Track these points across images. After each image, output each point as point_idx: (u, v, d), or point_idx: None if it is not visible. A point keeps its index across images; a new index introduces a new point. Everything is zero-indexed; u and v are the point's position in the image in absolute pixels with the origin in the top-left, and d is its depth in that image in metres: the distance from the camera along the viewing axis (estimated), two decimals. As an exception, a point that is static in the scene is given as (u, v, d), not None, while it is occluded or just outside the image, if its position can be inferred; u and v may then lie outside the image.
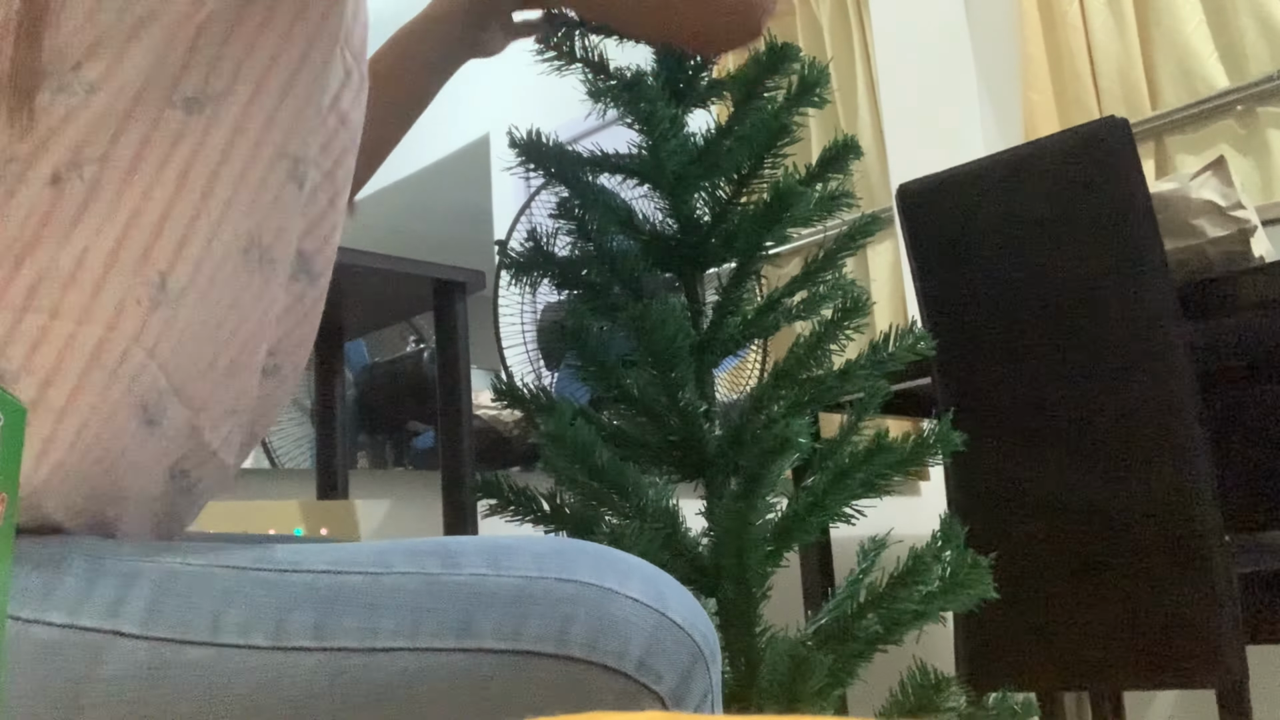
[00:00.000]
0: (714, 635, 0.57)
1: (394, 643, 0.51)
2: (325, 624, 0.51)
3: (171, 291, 0.55)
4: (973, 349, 1.68)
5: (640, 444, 0.93)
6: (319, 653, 0.50)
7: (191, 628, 0.50)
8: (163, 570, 0.52)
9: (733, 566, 0.88)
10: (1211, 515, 1.47)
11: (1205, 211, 1.65)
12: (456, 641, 0.52)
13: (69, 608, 0.49)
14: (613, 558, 0.56)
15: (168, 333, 0.55)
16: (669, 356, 0.85)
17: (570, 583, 0.53)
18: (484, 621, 0.52)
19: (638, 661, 0.53)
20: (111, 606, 0.49)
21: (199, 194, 0.56)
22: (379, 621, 0.51)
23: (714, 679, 0.57)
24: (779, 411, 0.90)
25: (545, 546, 0.55)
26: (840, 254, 0.91)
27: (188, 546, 0.55)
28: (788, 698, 0.90)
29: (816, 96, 0.88)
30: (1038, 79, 2.67)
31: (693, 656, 0.55)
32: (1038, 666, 1.61)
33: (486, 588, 0.53)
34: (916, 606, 0.92)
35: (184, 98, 0.55)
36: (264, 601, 0.51)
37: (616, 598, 0.54)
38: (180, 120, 0.56)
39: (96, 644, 0.48)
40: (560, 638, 0.52)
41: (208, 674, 0.49)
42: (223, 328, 0.59)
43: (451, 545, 0.55)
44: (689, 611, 0.56)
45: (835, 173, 0.93)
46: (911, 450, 0.93)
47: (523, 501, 0.94)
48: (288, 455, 2.19)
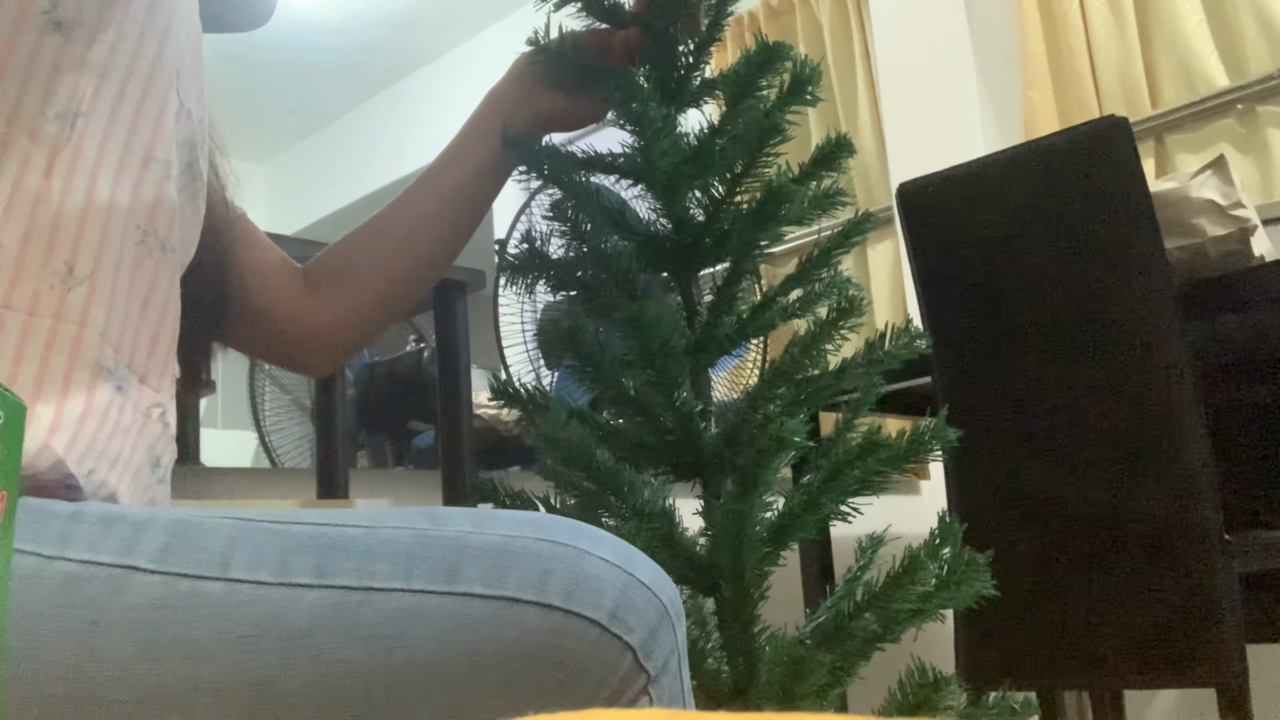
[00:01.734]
0: (678, 600, 0.61)
1: (389, 584, 0.55)
2: (325, 565, 0.55)
3: (79, 276, 0.62)
4: (972, 348, 1.68)
5: (637, 444, 0.93)
6: (320, 589, 0.54)
7: (202, 565, 0.54)
8: (173, 518, 0.56)
9: (730, 566, 0.88)
10: (1211, 515, 1.47)
11: (1205, 211, 1.65)
12: (447, 586, 0.55)
13: (88, 547, 0.54)
14: (585, 528, 0.60)
15: (92, 306, 0.63)
16: (664, 356, 0.85)
17: (546, 541, 0.57)
18: (471, 570, 0.56)
19: (610, 613, 0.56)
20: (127, 546, 0.54)
21: (84, 194, 0.63)
22: (375, 565, 0.55)
23: (679, 639, 0.60)
24: (775, 411, 0.90)
25: (523, 515, 0.60)
26: (835, 252, 0.91)
27: (190, 510, 0.60)
28: (786, 697, 0.90)
29: (809, 95, 0.88)
30: (1038, 78, 2.67)
31: (659, 614, 0.58)
32: (1037, 666, 1.61)
33: (471, 542, 0.57)
34: (914, 605, 0.92)
35: (56, 114, 0.63)
36: (268, 544, 0.56)
37: (589, 557, 0.57)
38: (55, 131, 0.63)
39: (115, 577, 0.53)
40: (540, 587, 0.56)
41: (218, 605, 0.53)
42: (149, 307, 0.67)
43: (438, 510, 0.60)
44: (655, 575, 0.60)
45: (829, 171, 0.93)
46: (907, 447, 0.93)
47: (519, 503, 0.94)
48: (288, 455, 2.20)
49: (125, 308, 0.65)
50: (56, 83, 0.63)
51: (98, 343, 0.63)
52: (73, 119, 0.63)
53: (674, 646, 0.59)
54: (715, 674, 0.93)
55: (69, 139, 0.63)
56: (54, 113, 0.63)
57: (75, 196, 0.63)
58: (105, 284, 0.64)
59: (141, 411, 0.66)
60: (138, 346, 0.66)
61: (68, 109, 0.63)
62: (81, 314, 0.62)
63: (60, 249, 0.62)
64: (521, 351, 1.94)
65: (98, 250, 0.63)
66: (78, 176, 0.63)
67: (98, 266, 0.63)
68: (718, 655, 0.94)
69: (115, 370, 0.64)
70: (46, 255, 0.61)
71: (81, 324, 0.62)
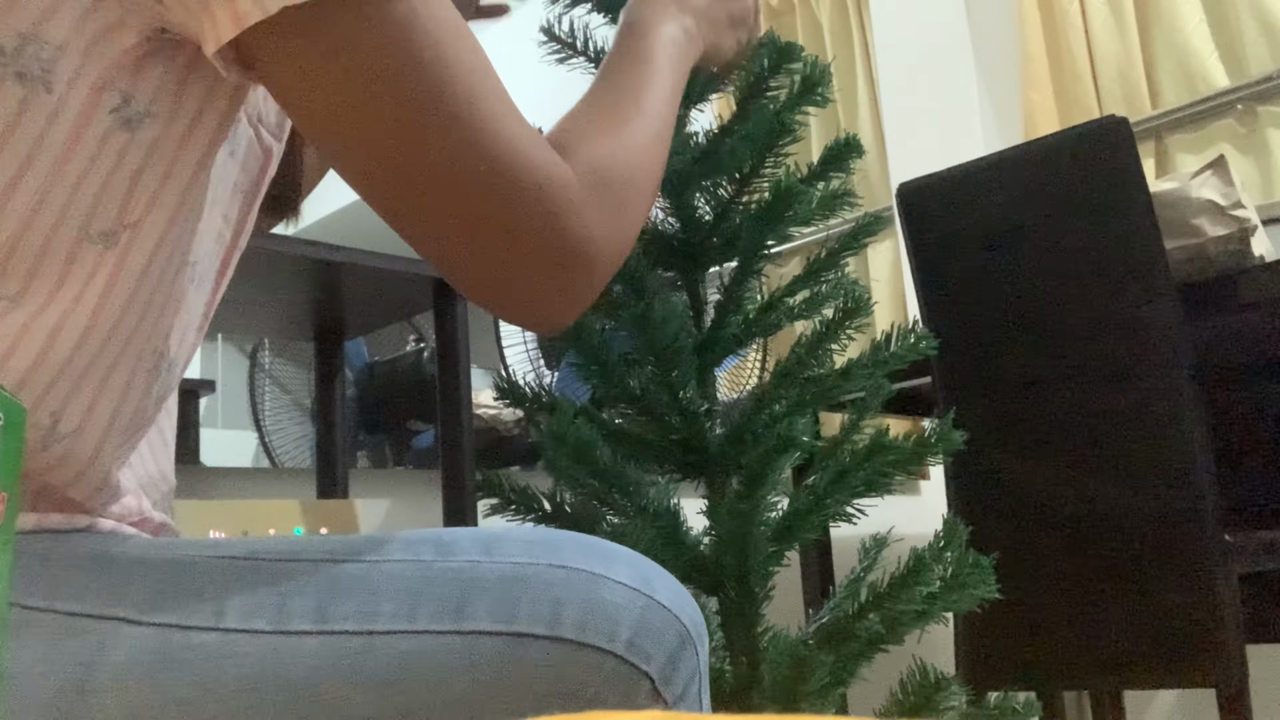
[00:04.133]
0: (700, 618, 0.59)
1: (393, 625, 0.53)
2: (325, 608, 0.53)
3: (62, 431, 0.55)
4: (972, 348, 1.68)
5: (642, 443, 0.92)
6: (320, 636, 0.52)
7: (195, 614, 0.51)
8: (164, 560, 0.53)
9: (735, 565, 0.88)
10: (1211, 515, 1.47)
11: (1205, 211, 1.65)
12: (453, 624, 0.53)
13: (75, 596, 0.51)
14: (599, 546, 0.58)
15: (69, 459, 0.55)
16: (671, 355, 0.85)
17: (560, 568, 0.55)
18: (478, 605, 0.54)
19: (627, 642, 0.54)
20: (116, 595, 0.51)
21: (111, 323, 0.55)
22: (378, 606, 0.53)
23: (701, 660, 0.59)
24: (780, 411, 0.90)
25: (535, 535, 0.58)
26: (843, 253, 0.91)
27: (186, 543, 0.57)
28: (789, 697, 0.90)
29: (819, 95, 0.88)
30: (1038, 79, 2.67)
31: (680, 638, 0.57)
32: (1038, 666, 1.61)
33: (480, 573, 0.55)
34: (918, 606, 0.92)
35: (100, 232, 0.54)
36: (265, 588, 0.53)
37: (605, 582, 0.55)
38: (98, 253, 0.54)
39: (103, 630, 0.50)
40: (552, 620, 0.54)
41: (212, 658, 0.51)
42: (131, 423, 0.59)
43: (445, 535, 0.57)
44: (675, 595, 0.58)
45: (837, 172, 0.93)
46: (913, 449, 0.93)
47: (524, 500, 0.94)
48: (288, 455, 2.19)
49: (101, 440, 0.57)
50: (107, 194, 0.54)
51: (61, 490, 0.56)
52: (118, 236, 0.55)
53: (695, 669, 0.58)
54: (719, 673, 0.93)
55: (107, 261, 0.54)
56: (99, 231, 0.54)
57: (96, 336, 0.55)
58: (91, 435, 0.56)
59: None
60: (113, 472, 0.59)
61: (116, 225, 0.54)
62: (55, 466, 0.55)
63: (52, 401, 0.54)
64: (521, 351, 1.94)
65: (93, 399, 0.56)
66: (108, 306, 0.55)
67: (90, 417, 0.56)
68: (721, 654, 0.94)
69: None
70: (40, 398, 0.54)
71: (51, 475, 0.55)
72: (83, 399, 0.55)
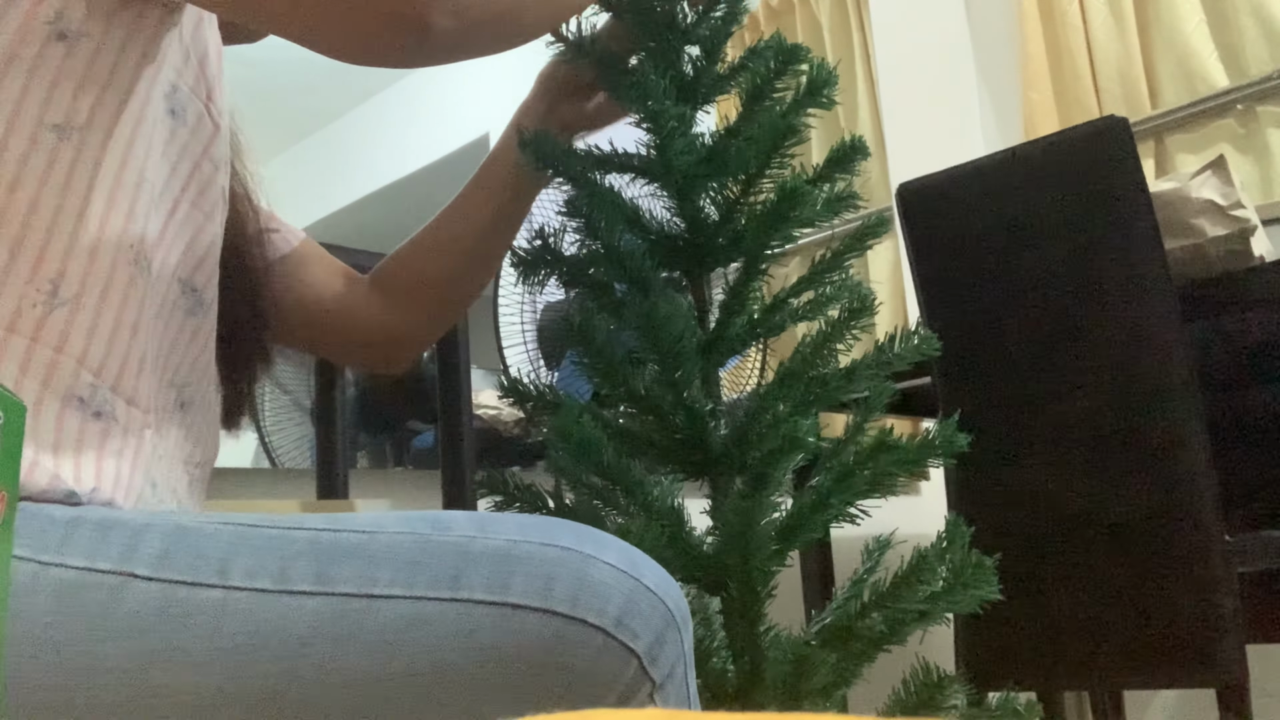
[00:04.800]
0: (684, 605, 0.61)
1: (391, 590, 0.54)
2: (326, 572, 0.55)
3: (63, 297, 0.62)
4: (973, 349, 1.68)
5: (645, 442, 0.93)
6: (321, 597, 0.54)
7: (200, 572, 0.54)
8: (172, 524, 0.56)
9: (738, 565, 0.88)
10: (1212, 516, 1.47)
11: (1205, 211, 1.65)
12: (450, 592, 0.55)
13: (86, 553, 0.53)
14: (590, 532, 0.60)
15: (72, 330, 0.62)
16: (675, 355, 0.85)
17: (552, 546, 0.57)
18: (474, 576, 0.55)
19: (615, 620, 0.56)
20: (125, 553, 0.54)
21: (77, 208, 0.63)
22: (377, 572, 0.55)
23: (686, 645, 0.60)
24: (785, 411, 0.90)
25: (528, 519, 0.60)
26: (848, 254, 0.91)
27: (191, 513, 0.60)
28: (791, 696, 0.90)
29: (825, 98, 0.88)
30: (1038, 79, 2.68)
31: (665, 621, 0.58)
32: (1038, 666, 1.61)
33: (475, 548, 0.56)
34: (921, 606, 0.92)
35: (53, 124, 0.63)
36: (268, 551, 0.55)
37: (595, 562, 0.57)
38: (53, 143, 0.63)
39: (113, 584, 0.52)
40: (544, 593, 0.55)
41: (216, 613, 0.53)
42: (139, 331, 0.66)
43: (441, 514, 0.60)
44: (661, 580, 0.59)
45: (843, 173, 0.93)
46: (917, 450, 0.93)
47: (527, 499, 0.94)
48: (288, 455, 2.19)
49: (112, 332, 0.64)
50: (56, 94, 0.63)
51: (73, 370, 0.62)
52: (70, 132, 0.63)
53: (680, 653, 0.59)
54: (721, 673, 0.93)
55: (65, 152, 0.63)
56: (52, 123, 0.62)
57: (68, 213, 0.63)
58: (89, 307, 0.63)
59: (134, 434, 0.66)
60: (125, 370, 0.65)
61: (67, 122, 0.63)
62: (60, 338, 0.62)
63: (48, 265, 0.62)
64: (521, 352, 1.94)
65: (85, 271, 0.63)
66: (72, 193, 0.63)
67: (83, 288, 0.63)
68: (723, 654, 0.94)
69: (92, 398, 0.63)
70: (33, 270, 0.61)
71: (59, 350, 0.61)
72: (77, 269, 0.62)
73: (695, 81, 0.94)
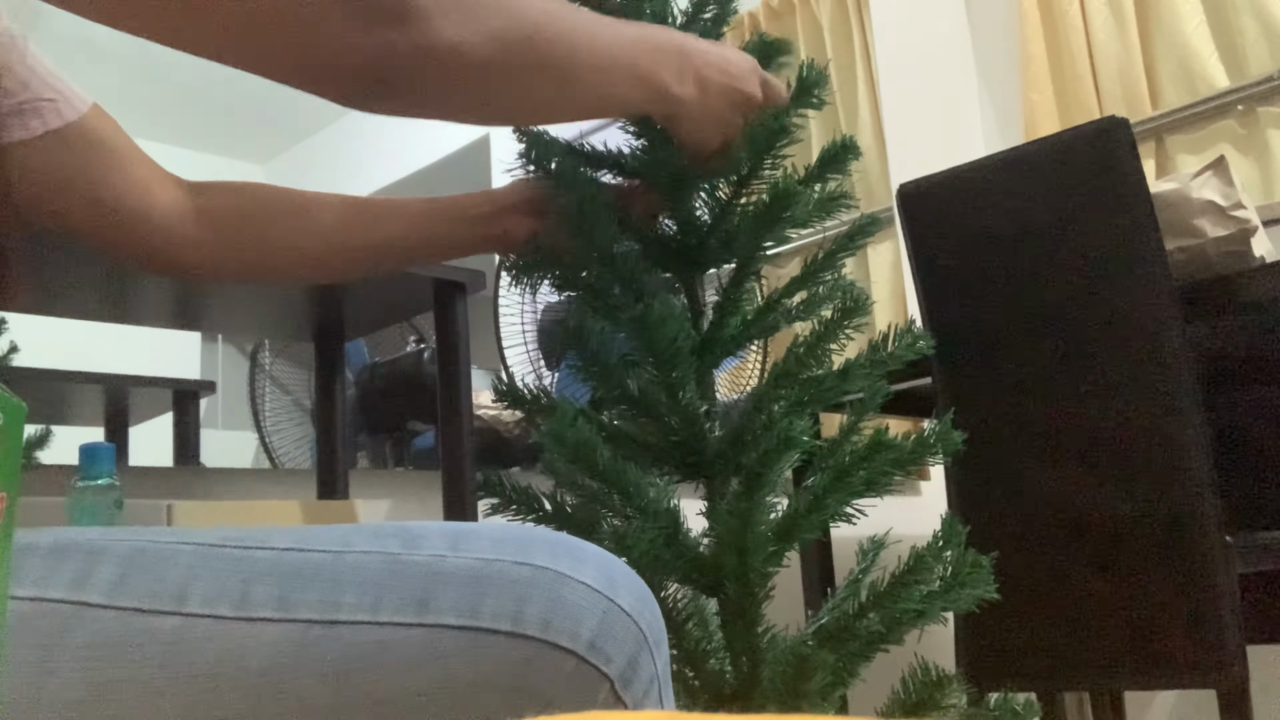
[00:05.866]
0: (660, 623, 0.60)
1: (356, 616, 0.53)
2: (288, 597, 0.53)
3: None
4: (973, 349, 1.68)
5: (641, 444, 0.92)
6: (282, 624, 0.52)
7: (157, 598, 0.51)
8: (129, 547, 0.54)
9: (735, 566, 0.88)
10: (1211, 516, 1.47)
11: (1205, 211, 1.65)
12: (416, 617, 0.53)
13: (36, 582, 0.51)
14: (569, 544, 0.58)
15: None
16: (670, 357, 0.85)
17: (526, 565, 0.55)
18: (442, 599, 0.54)
19: (588, 643, 0.55)
20: (78, 580, 0.51)
21: None
22: (341, 596, 0.53)
23: (659, 665, 0.59)
24: (779, 411, 0.90)
25: (504, 533, 0.58)
26: (840, 254, 0.91)
27: (153, 530, 0.57)
28: (790, 697, 0.90)
29: (815, 98, 0.88)
30: (1038, 79, 2.67)
31: (638, 643, 0.57)
32: (1038, 666, 1.61)
33: (445, 567, 0.55)
34: (918, 606, 0.92)
35: None
36: (228, 574, 0.53)
37: (569, 582, 0.55)
38: None
39: (64, 614, 0.50)
40: (515, 617, 0.54)
41: (174, 642, 0.51)
42: None
43: (413, 528, 0.57)
44: (637, 599, 0.58)
45: (834, 173, 0.93)
46: (912, 449, 0.93)
47: (524, 500, 0.94)
48: (288, 455, 2.19)
49: None
50: None
51: None
52: None
53: (654, 675, 0.58)
54: (718, 674, 0.93)
55: None
56: None
57: None
58: None
59: None
60: None
61: None
62: None
63: None
64: (522, 352, 1.94)
65: None
66: None
67: None
68: (720, 656, 0.94)
69: None
70: None
71: None
72: None
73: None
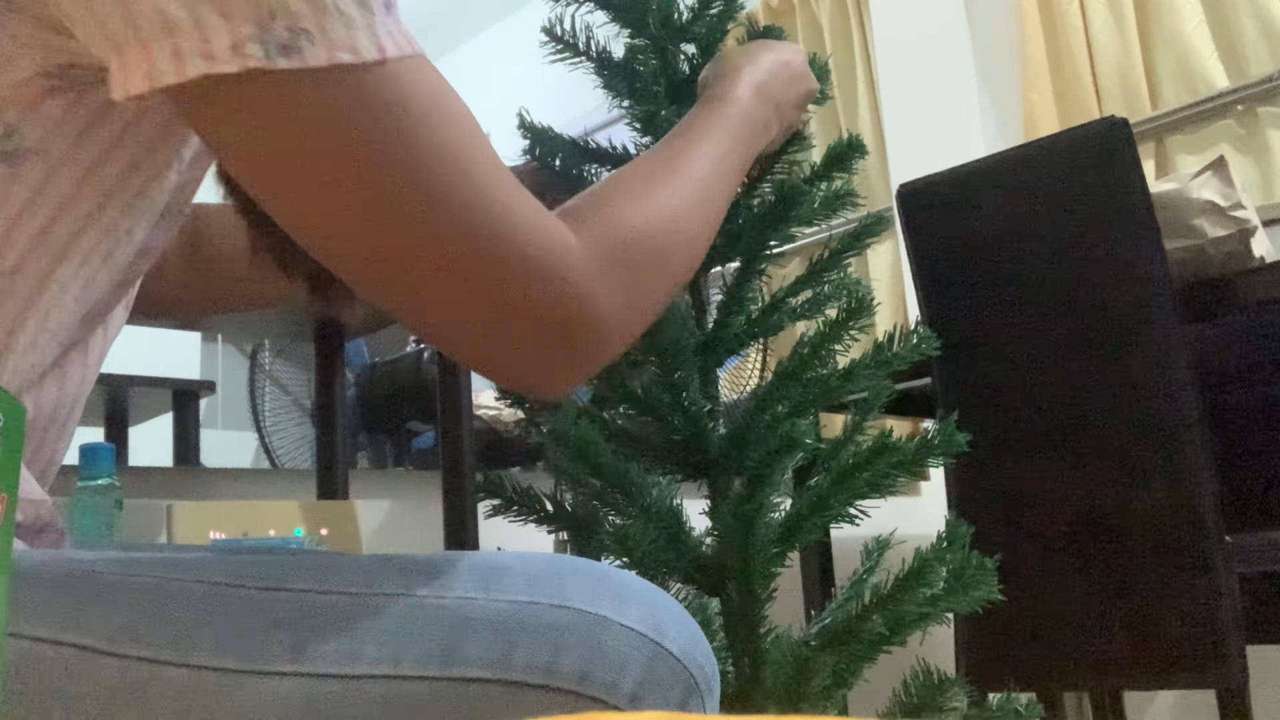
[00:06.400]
0: (713, 665, 0.56)
1: (375, 670, 0.49)
2: (304, 647, 0.49)
3: None
4: (972, 349, 1.68)
5: (643, 443, 0.92)
6: (296, 678, 0.48)
7: (166, 647, 0.48)
8: (143, 584, 0.50)
9: (738, 567, 0.88)
10: (1212, 515, 1.47)
11: (1205, 211, 1.65)
12: (440, 670, 0.50)
13: (41, 620, 0.47)
14: (611, 581, 0.54)
15: None
16: (673, 356, 0.85)
17: (563, 609, 0.52)
18: (470, 648, 0.50)
19: (631, 695, 0.51)
20: (85, 622, 0.48)
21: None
22: (361, 647, 0.50)
23: (709, 710, 0.55)
24: (783, 411, 0.90)
25: (540, 568, 0.54)
26: (845, 254, 0.91)
27: (168, 560, 0.53)
28: (792, 698, 0.90)
29: (820, 93, 0.88)
30: (1038, 79, 2.67)
31: (687, 689, 0.53)
32: (1038, 666, 1.61)
33: (474, 612, 0.51)
34: (922, 608, 0.92)
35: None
36: (242, 621, 0.49)
37: (611, 626, 0.52)
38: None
39: (65, 659, 0.47)
40: (549, 668, 0.50)
41: (180, 697, 0.47)
42: None
43: (442, 564, 0.54)
44: (687, 641, 0.54)
45: (840, 172, 0.93)
46: (916, 450, 0.93)
47: (526, 501, 0.93)
48: (288, 455, 2.19)
49: None
50: None
51: None
52: None
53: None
54: (720, 675, 0.93)
55: None
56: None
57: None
58: None
59: None
60: None
61: None
62: None
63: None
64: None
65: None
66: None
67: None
68: (723, 656, 0.94)
69: None
70: None
71: None
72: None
73: (690, 79, 0.93)
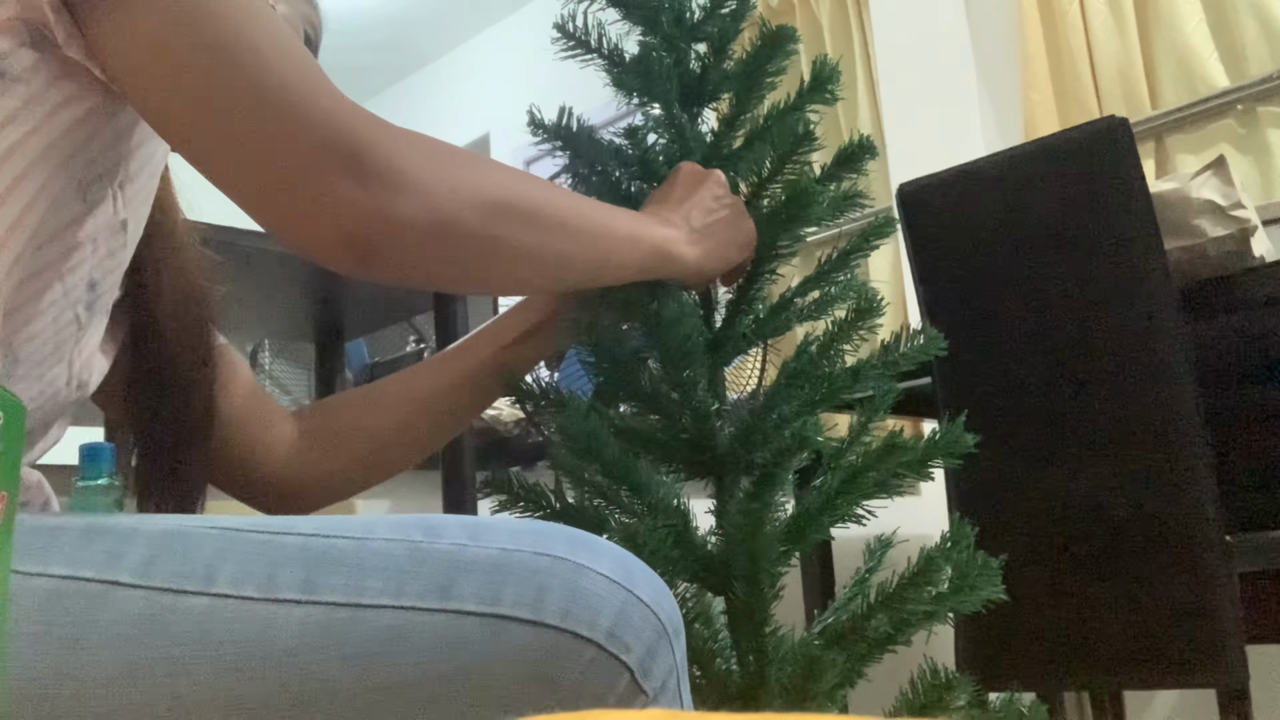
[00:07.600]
0: (678, 616, 0.60)
1: (379, 600, 0.54)
2: (313, 580, 0.54)
3: None
4: (973, 349, 1.68)
5: (650, 441, 0.92)
6: (307, 605, 0.53)
7: (186, 579, 0.53)
8: (159, 529, 0.55)
9: (745, 566, 0.87)
10: (1211, 515, 1.47)
11: (1205, 211, 1.65)
12: (439, 603, 0.54)
13: (69, 561, 0.52)
14: (585, 538, 0.59)
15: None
16: (682, 354, 0.85)
17: (545, 556, 0.56)
18: (464, 586, 0.55)
19: (607, 632, 0.55)
20: (110, 560, 0.52)
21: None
22: (365, 580, 0.54)
23: (678, 656, 0.60)
24: (791, 411, 0.90)
25: (521, 525, 0.59)
26: (854, 254, 0.91)
27: (180, 515, 0.59)
28: (797, 697, 0.90)
29: (829, 93, 0.88)
30: (1038, 79, 2.68)
31: (657, 633, 0.58)
32: (1038, 666, 1.61)
33: (466, 556, 0.56)
34: (927, 607, 0.92)
35: None
36: (255, 557, 0.54)
37: (588, 572, 0.56)
38: None
39: (96, 592, 0.51)
40: (535, 605, 0.55)
41: (202, 621, 0.52)
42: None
43: (432, 519, 0.58)
44: (655, 591, 0.59)
45: (850, 173, 0.93)
46: (924, 451, 0.93)
47: (531, 498, 0.93)
48: (287, 454, 2.18)
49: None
50: None
51: None
52: None
53: (673, 665, 0.59)
54: (725, 674, 0.93)
55: None
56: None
57: None
58: None
59: None
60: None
61: None
62: None
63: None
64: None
65: None
66: None
67: None
68: (727, 655, 0.94)
69: None
70: None
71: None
72: None
73: (702, 79, 0.93)
